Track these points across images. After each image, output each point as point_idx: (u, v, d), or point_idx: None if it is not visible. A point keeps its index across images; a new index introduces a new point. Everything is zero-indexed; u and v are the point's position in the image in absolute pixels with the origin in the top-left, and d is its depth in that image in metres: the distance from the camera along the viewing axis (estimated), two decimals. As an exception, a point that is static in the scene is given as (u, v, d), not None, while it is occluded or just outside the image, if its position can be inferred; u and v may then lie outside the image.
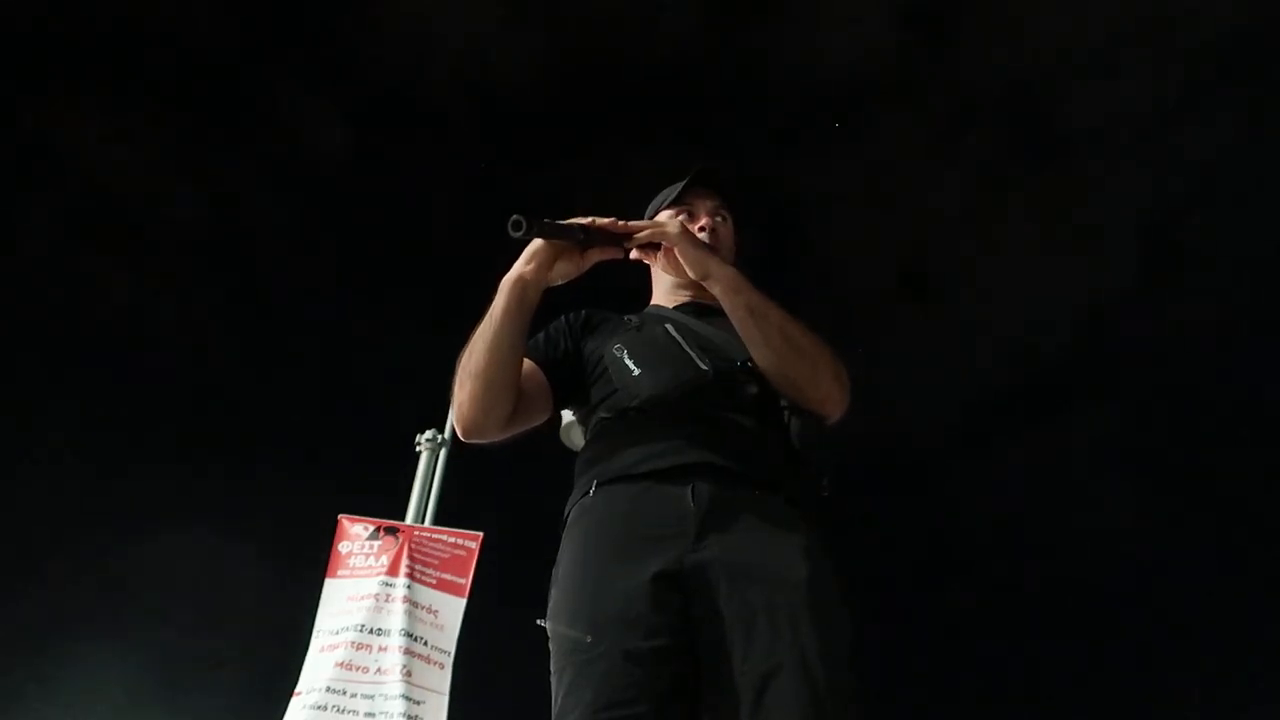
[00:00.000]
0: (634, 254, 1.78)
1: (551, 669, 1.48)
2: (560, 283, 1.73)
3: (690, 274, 1.71)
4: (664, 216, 1.89)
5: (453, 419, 1.74)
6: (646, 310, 1.91)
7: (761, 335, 1.63)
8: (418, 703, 3.83)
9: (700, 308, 1.83)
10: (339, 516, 4.36)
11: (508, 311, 1.65)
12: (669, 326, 1.76)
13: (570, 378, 1.77)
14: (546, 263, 1.68)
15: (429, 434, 5.12)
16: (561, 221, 1.65)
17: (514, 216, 1.53)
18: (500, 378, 1.64)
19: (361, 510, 4.42)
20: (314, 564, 4.23)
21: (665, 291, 1.92)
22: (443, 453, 5.10)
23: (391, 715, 3.76)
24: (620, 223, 1.70)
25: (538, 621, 1.54)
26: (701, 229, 1.87)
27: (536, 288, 1.69)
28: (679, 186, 1.91)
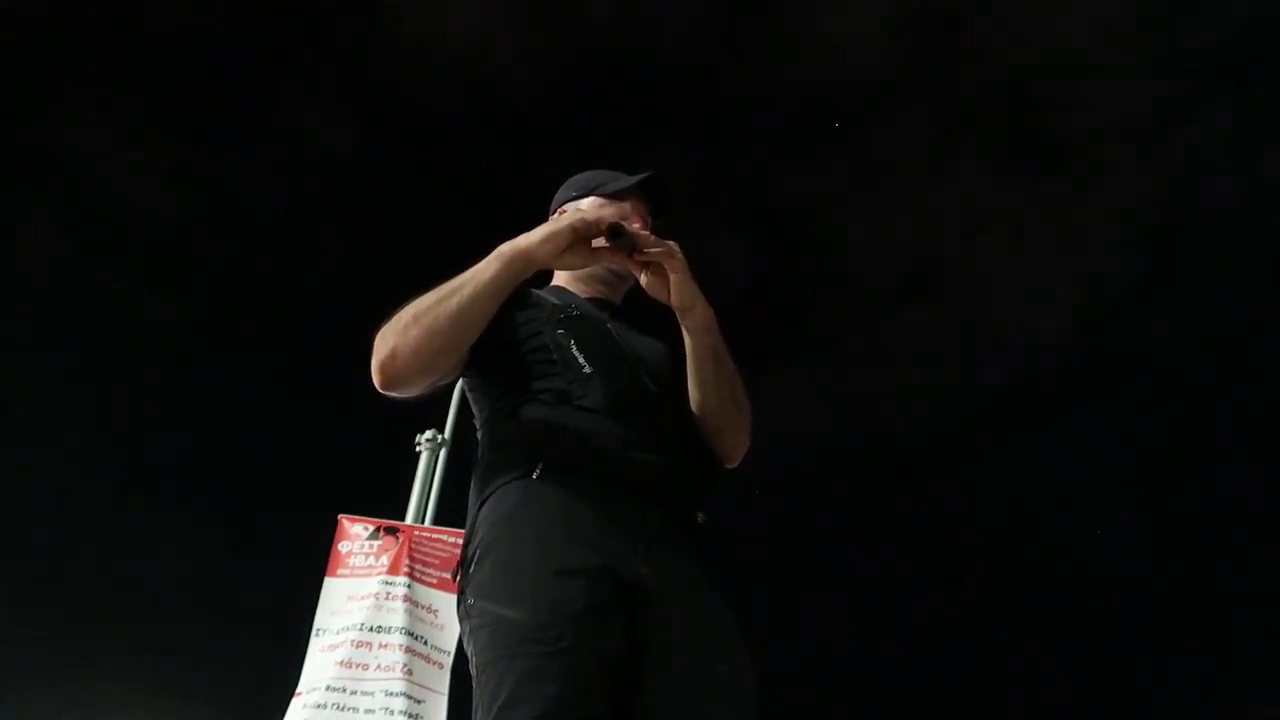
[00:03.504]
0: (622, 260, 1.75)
1: (481, 651, 1.41)
2: (562, 270, 1.73)
3: (674, 300, 1.68)
4: (590, 204, 1.85)
5: (377, 362, 1.59)
6: (561, 292, 1.86)
7: (715, 379, 1.70)
8: (418, 701, 3.84)
9: (613, 308, 1.86)
10: (339, 516, 4.37)
11: (498, 281, 1.59)
12: (611, 328, 1.76)
13: (495, 343, 1.66)
14: (562, 249, 1.63)
15: (429, 434, 5.14)
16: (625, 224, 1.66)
17: (615, 224, 1.62)
18: (454, 341, 1.58)
19: (361, 510, 4.43)
20: (315, 563, 4.24)
21: (575, 278, 1.88)
22: (443, 453, 5.11)
23: (392, 714, 3.77)
24: (644, 233, 1.69)
25: (469, 600, 1.46)
26: None
27: (538, 267, 1.66)
28: (618, 178, 1.88)
